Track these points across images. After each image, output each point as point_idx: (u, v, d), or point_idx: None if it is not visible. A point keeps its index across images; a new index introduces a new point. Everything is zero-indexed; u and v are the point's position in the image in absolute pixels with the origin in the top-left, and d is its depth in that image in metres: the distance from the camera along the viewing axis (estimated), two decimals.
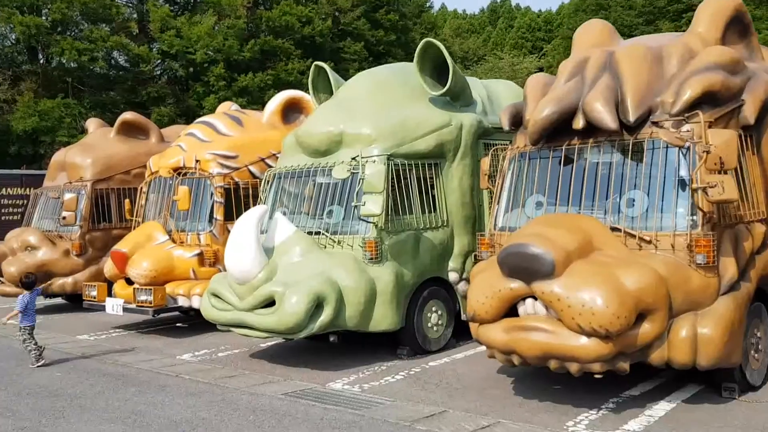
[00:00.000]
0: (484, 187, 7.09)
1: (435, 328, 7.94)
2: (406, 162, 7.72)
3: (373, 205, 7.01)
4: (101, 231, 12.39)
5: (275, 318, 6.87)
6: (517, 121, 6.68)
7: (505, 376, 6.81)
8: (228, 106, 12.41)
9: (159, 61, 28.95)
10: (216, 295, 7.57)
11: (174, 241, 10.02)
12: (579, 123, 5.96)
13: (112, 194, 12.56)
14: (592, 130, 5.96)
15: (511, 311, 5.50)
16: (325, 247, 7.54)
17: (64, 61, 26.58)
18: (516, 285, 5.36)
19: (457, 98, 8.41)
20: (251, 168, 10.35)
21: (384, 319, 7.27)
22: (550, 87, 6.49)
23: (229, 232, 9.95)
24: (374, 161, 7.42)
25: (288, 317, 6.79)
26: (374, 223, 7.33)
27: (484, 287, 5.56)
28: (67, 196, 11.69)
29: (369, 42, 37.52)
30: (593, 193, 5.95)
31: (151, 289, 9.34)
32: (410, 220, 7.71)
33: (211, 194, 10.02)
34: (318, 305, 6.91)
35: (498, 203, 6.62)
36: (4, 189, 21.90)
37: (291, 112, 11.20)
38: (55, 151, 28.35)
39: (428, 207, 7.92)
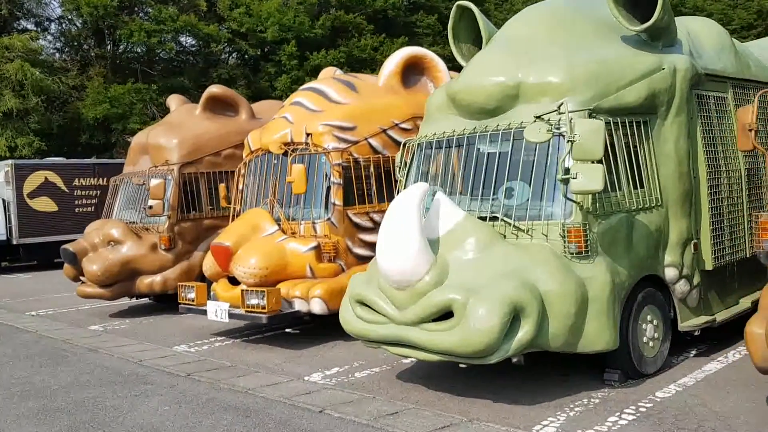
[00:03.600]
0: (747, 148, 5.03)
1: (651, 344, 5.93)
2: (610, 119, 5.71)
3: (591, 177, 5.02)
4: (191, 221, 10.81)
5: (457, 336, 5.00)
6: None
7: None
8: (332, 72, 10.58)
9: (227, 41, 27.44)
10: (363, 303, 5.75)
11: (284, 232, 8.28)
12: None
13: (202, 179, 10.96)
14: None
15: None
16: (505, 237, 5.62)
17: (133, 44, 25.36)
18: None
19: (659, 36, 6.32)
20: (371, 141, 8.52)
21: (599, 335, 5.29)
22: None
23: (350, 219, 8.25)
24: (575, 116, 5.42)
25: (476, 335, 4.90)
26: (579, 203, 5.36)
27: None
28: (153, 182, 10.11)
29: (442, 15, 35.42)
30: None
31: (263, 291, 7.62)
32: (619, 198, 5.70)
33: (327, 174, 8.23)
34: (512, 318, 5.01)
35: None
36: (77, 179, 20.86)
37: (411, 73, 9.30)
38: (126, 139, 27.44)
39: (636, 180, 5.90)
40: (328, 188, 8.19)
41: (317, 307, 7.75)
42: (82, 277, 10.72)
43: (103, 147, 26.58)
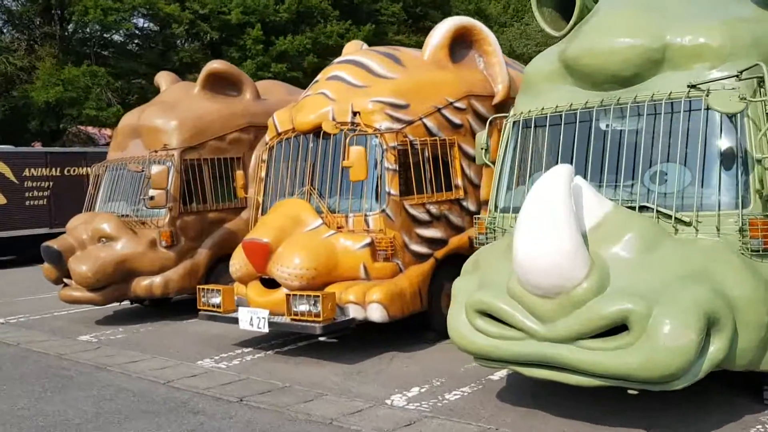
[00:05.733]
0: None
1: None
2: None
3: None
4: (194, 214, 9.46)
5: (637, 356, 3.98)
6: None
7: None
8: (359, 45, 9.41)
9: (188, 23, 25.56)
10: (485, 314, 4.66)
11: (328, 226, 7.10)
12: None
13: (205, 165, 9.61)
14: None
15: None
16: None
17: (86, 23, 23.29)
18: None
19: None
20: (426, 121, 7.42)
21: None
22: None
23: (406, 211, 7.14)
24: (745, 84, 4.49)
25: (666, 355, 3.90)
26: (759, 190, 4.42)
27: None
28: (155, 169, 8.74)
29: (407, 4, 34.55)
30: None
31: (318, 296, 6.44)
32: None
33: (379, 159, 7.08)
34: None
35: None
36: (27, 170, 18.87)
37: (457, 47, 8.22)
38: (79, 126, 25.31)
39: None
40: (381, 175, 7.06)
41: (376, 313, 6.62)
42: (66, 279, 9.24)
43: (50, 135, 24.45)
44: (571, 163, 5.21)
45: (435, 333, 7.41)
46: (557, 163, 5.34)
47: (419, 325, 7.40)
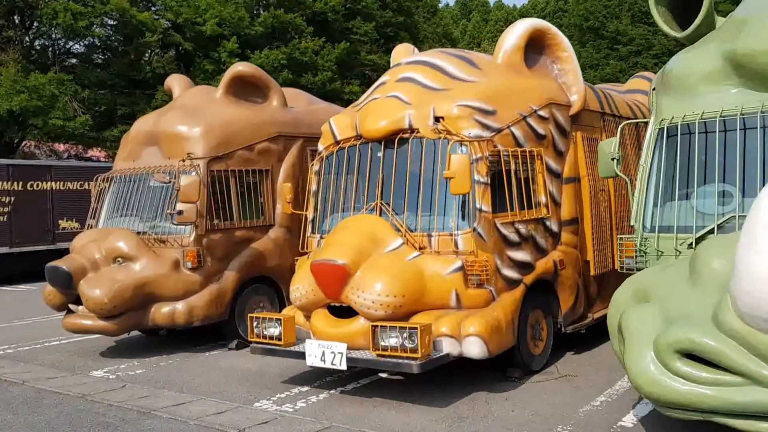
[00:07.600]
0: None
1: None
2: None
3: None
4: (221, 232, 8.38)
5: None
6: None
7: None
8: (410, 49, 8.57)
9: (162, 32, 24.26)
10: (687, 355, 3.83)
11: (410, 246, 6.19)
12: None
13: (232, 178, 8.57)
14: None
15: None
16: None
17: (51, 28, 21.80)
18: None
19: None
20: (514, 130, 6.64)
21: None
22: None
23: (498, 231, 6.30)
24: None
25: None
26: None
27: None
28: (185, 180, 7.66)
29: (379, 24, 34.13)
30: None
31: (415, 329, 5.50)
32: None
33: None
34: None
35: None
36: None
37: (528, 52, 7.47)
38: (42, 138, 23.58)
39: None
40: (472, 189, 6.19)
41: (475, 348, 5.73)
42: (72, 306, 8.01)
43: (6, 148, 22.69)
44: (744, 174, 4.52)
45: (520, 370, 6.57)
46: (724, 175, 4.64)
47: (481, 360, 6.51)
